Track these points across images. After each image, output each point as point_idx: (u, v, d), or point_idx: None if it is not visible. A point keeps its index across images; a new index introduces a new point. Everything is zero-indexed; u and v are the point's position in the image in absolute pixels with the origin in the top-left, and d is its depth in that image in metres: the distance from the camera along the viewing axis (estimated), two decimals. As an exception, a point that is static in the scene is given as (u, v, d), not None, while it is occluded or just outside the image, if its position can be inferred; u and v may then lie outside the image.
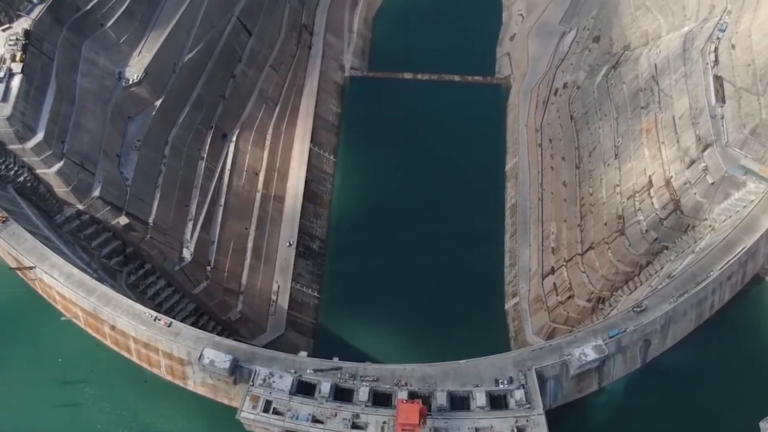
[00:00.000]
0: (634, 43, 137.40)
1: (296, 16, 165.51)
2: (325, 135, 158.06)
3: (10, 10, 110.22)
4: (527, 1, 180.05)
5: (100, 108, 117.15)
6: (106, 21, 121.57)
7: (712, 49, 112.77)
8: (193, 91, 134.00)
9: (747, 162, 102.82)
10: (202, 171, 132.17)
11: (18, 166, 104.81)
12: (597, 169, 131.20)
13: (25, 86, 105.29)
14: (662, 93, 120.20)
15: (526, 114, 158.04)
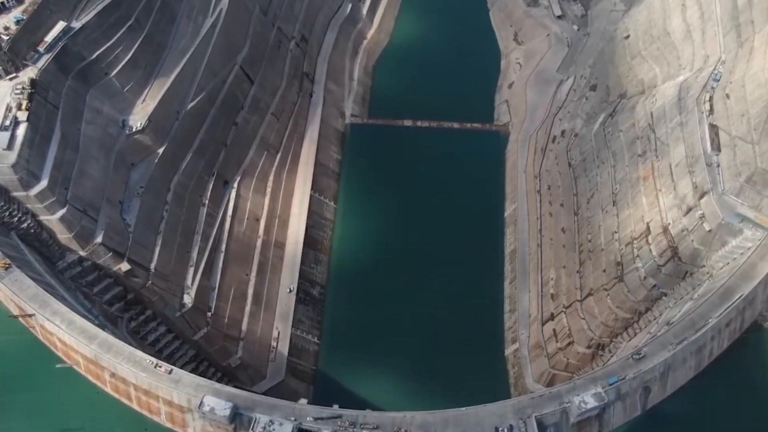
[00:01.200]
0: (630, 91, 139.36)
1: (298, 64, 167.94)
2: (325, 181, 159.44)
3: (17, 59, 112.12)
4: (525, 49, 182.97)
5: (104, 155, 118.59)
6: (110, 70, 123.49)
7: (706, 99, 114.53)
8: (195, 139, 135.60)
9: (743, 210, 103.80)
10: (203, 217, 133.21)
11: (22, 212, 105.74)
12: (595, 215, 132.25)
13: (30, 134, 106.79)
14: (659, 141, 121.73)
15: (525, 161, 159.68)
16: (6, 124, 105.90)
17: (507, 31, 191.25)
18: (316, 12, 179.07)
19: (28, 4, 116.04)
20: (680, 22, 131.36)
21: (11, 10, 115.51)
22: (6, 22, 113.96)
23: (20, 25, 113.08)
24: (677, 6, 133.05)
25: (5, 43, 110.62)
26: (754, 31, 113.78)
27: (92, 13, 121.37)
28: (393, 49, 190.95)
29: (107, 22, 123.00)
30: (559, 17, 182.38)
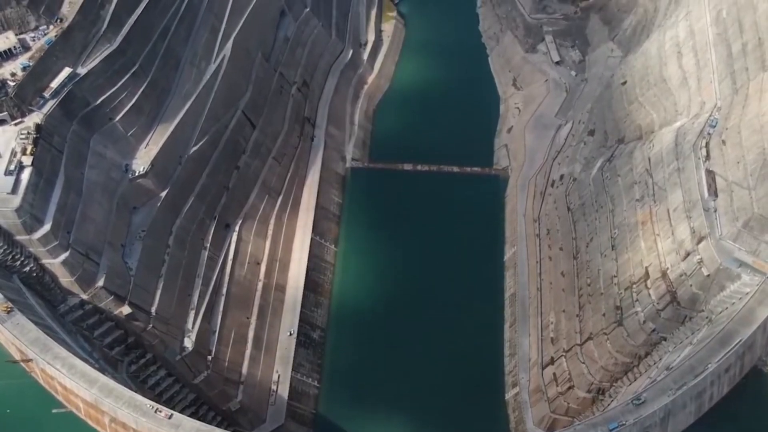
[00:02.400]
0: (628, 136, 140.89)
1: (299, 108, 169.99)
2: (326, 225, 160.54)
3: (23, 105, 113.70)
4: (524, 94, 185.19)
5: (107, 199, 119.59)
6: (114, 115, 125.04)
7: (703, 144, 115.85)
8: (197, 183, 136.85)
9: (741, 255, 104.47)
10: (204, 261, 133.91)
11: (24, 256, 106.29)
12: (594, 259, 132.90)
13: (35, 179, 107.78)
14: (656, 186, 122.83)
15: (524, 205, 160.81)
16: (11, 169, 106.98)
17: (506, 77, 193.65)
18: (317, 58, 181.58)
19: (35, 51, 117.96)
20: (676, 69, 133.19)
21: (18, 56, 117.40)
22: (13, 68, 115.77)
23: (27, 71, 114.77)
24: (673, 53, 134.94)
25: (12, 89, 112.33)
26: (749, 79, 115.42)
27: (98, 60, 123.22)
28: (393, 93, 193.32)
29: (112, 69, 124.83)
30: (557, 63, 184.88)
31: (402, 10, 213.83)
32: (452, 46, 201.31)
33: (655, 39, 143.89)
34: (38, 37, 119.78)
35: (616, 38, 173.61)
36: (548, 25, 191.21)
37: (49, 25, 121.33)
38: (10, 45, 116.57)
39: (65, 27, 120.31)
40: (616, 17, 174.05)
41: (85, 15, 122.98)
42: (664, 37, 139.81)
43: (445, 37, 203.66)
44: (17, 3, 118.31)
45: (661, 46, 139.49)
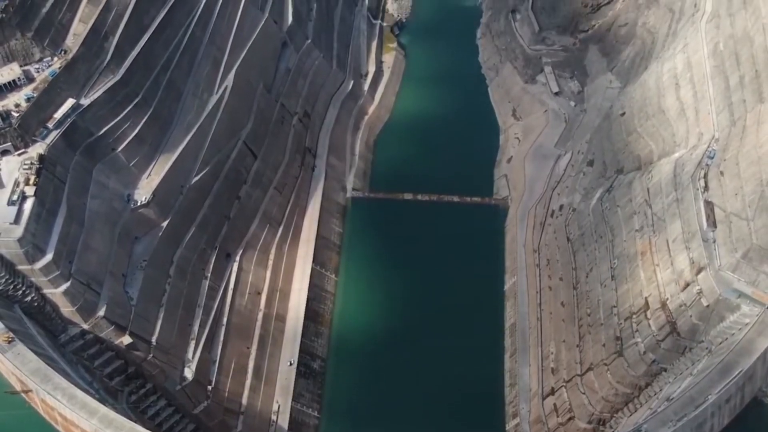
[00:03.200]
0: (627, 167, 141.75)
1: (300, 139, 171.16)
2: (327, 254, 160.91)
3: (26, 135, 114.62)
4: (523, 125, 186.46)
5: (108, 229, 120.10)
6: (117, 145, 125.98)
7: (701, 175, 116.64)
8: (198, 213, 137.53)
9: (740, 285, 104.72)
10: (205, 290, 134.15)
11: (26, 286, 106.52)
12: (594, 290, 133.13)
13: (37, 209, 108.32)
14: (656, 217, 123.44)
15: (524, 235, 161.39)
16: (14, 199, 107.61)
17: (506, 107, 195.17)
18: (318, 88, 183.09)
19: (39, 82, 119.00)
20: (674, 101, 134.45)
21: (22, 87, 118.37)
22: (17, 99, 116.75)
23: (31, 102, 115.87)
24: (671, 85, 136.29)
25: (15, 120, 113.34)
26: (746, 110, 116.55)
27: (101, 91, 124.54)
28: (394, 124, 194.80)
29: (115, 100, 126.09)
30: (556, 94, 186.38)
31: (402, 41, 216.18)
32: (452, 76, 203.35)
33: (653, 70, 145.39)
34: (42, 69, 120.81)
35: (614, 69, 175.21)
36: (547, 57, 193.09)
37: (53, 57, 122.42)
38: (14, 76, 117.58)
39: (69, 59, 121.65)
40: (615, 49, 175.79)
41: (89, 47, 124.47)
42: (662, 68, 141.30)
43: (445, 67, 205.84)
44: (22, 35, 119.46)
45: (659, 78, 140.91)
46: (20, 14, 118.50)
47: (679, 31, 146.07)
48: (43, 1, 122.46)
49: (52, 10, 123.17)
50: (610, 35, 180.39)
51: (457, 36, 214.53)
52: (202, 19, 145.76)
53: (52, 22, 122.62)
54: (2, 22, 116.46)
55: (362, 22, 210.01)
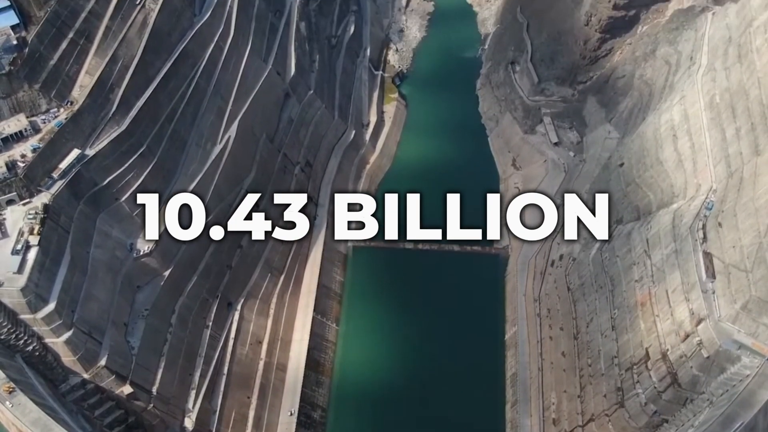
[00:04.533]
0: (626, 217, 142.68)
1: (302, 188, 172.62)
2: (328, 303, 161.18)
3: (32, 185, 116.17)
4: (523, 174, 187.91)
5: (111, 278, 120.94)
6: (121, 195, 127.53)
7: (700, 227, 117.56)
8: (201, 262, 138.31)
9: (740, 337, 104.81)
10: (206, 340, 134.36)
11: (28, 335, 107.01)
12: (595, 340, 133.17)
13: (41, 258, 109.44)
14: (655, 267, 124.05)
15: (525, 284, 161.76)
16: (17, 249, 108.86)
17: (506, 157, 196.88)
18: (320, 138, 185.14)
19: (45, 133, 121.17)
20: (672, 152, 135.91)
21: (28, 138, 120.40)
22: (23, 149, 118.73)
23: (36, 152, 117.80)
24: (668, 136, 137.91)
25: (21, 170, 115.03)
26: (743, 162, 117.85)
27: (106, 141, 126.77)
28: (395, 173, 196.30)
29: (120, 150, 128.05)
30: (555, 144, 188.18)
31: (403, 91, 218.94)
32: (453, 126, 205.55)
33: (651, 122, 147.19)
34: (49, 120, 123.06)
35: (612, 120, 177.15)
36: (546, 107, 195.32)
37: (59, 108, 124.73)
38: (21, 127, 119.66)
39: (75, 110, 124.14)
40: (613, 100, 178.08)
41: (95, 98, 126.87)
42: (660, 120, 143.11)
43: (445, 117, 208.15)
44: (30, 87, 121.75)
45: (656, 129, 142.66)
46: (28, 66, 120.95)
47: (675, 83, 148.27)
48: (51, 53, 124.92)
49: (60, 63, 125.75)
50: (608, 87, 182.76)
51: (458, 87, 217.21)
52: (206, 70, 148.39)
53: (59, 74, 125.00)
54: (10, 75, 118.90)
55: (364, 73, 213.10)
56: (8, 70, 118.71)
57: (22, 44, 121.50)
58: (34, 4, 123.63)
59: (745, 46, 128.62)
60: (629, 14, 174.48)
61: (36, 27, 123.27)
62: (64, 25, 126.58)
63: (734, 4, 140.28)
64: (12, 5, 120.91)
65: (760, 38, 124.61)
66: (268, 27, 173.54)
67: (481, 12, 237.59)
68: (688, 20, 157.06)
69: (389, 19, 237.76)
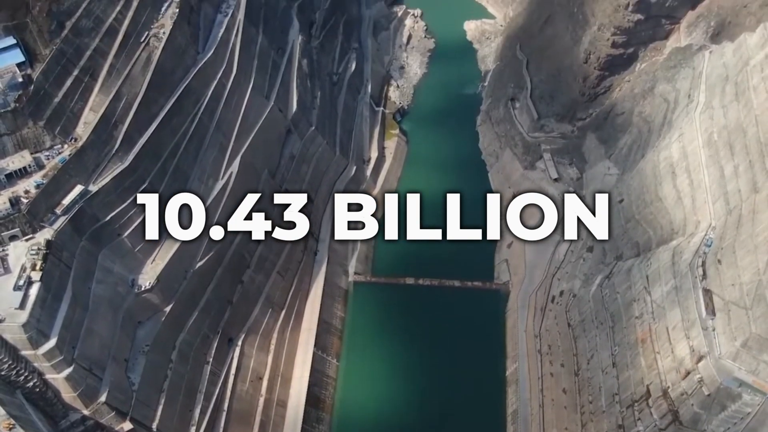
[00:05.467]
0: (626, 254, 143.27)
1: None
2: (328, 339, 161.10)
3: (34, 221, 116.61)
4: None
5: (112, 314, 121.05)
6: (123, 231, 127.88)
7: (699, 264, 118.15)
8: (202, 297, 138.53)
9: (741, 374, 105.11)
10: (207, 376, 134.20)
11: (28, 371, 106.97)
12: (595, 377, 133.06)
13: (43, 294, 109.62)
14: (655, 304, 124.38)
15: (525, 320, 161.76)
16: (20, 284, 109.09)
17: (506, 192, 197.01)
18: (321, 174, 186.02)
19: (49, 169, 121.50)
20: (671, 189, 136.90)
21: (32, 174, 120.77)
22: (27, 185, 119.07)
23: (40, 188, 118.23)
24: (667, 173, 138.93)
25: (24, 206, 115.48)
26: (742, 200, 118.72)
27: (109, 177, 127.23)
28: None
29: (122, 186, 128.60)
30: (555, 180, 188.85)
31: (404, 127, 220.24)
32: (453, 162, 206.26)
33: (650, 159, 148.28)
34: (53, 156, 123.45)
35: (612, 157, 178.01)
36: (546, 144, 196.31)
37: (63, 144, 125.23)
38: (25, 164, 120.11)
39: (79, 146, 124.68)
40: (612, 137, 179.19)
41: (98, 135, 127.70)
42: (659, 157, 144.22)
43: (446, 153, 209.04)
44: (34, 123, 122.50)
45: (655, 166, 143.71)
46: (33, 104, 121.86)
47: (674, 120, 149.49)
48: (56, 90, 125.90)
49: (64, 100, 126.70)
50: (607, 123, 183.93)
51: (458, 123, 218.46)
52: (209, 107, 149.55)
53: (63, 111, 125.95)
54: (15, 112, 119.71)
55: (365, 109, 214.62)
56: (13, 107, 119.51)
57: (27, 82, 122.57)
58: (40, 42, 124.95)
59: (742, 84, 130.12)
60: (628, 52, 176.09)
61: (41, 65, 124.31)
62: (69, 62, 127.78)
63: (731, 43, 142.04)
64: (18, 44, 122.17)
65: (756, 77, 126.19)
66: (271, 64, 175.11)
67: (481, 49, 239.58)
68: (686, 58, 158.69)
69: (390, 56, 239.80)
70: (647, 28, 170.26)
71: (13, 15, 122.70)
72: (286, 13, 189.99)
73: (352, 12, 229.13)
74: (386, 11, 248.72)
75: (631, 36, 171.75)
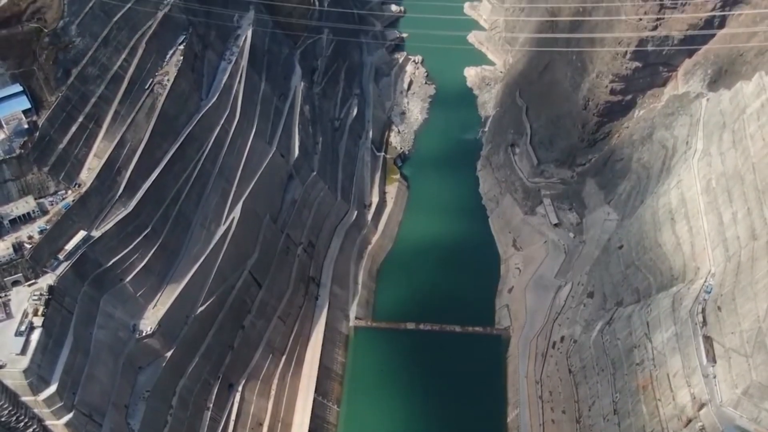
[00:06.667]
0: (626, 300, 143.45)
1: (304, 268, 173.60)
2: (329, 384, 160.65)
3: (37, 266, 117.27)
4: (524, 255, 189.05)
5: (113, 359, 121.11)
6: (125, 276, 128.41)
7: (699, 310, 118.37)
8: (203, 342, 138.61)
9: (742, 422, 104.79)
10: (207, 422, 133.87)
11: (28, 417, 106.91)
12: (597, 424, 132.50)
13: (44, 339, 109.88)
14: (656, 351, 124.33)
15: (526, 366, 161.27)
16: (21, 330, 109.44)
17: (506, 237, 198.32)
18: (323, 219, 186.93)
19: (52, 215, 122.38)
20: (670, 235, 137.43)
21: (36, 219, 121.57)
22: (30, 231, 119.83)
23: (43, 234, 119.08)
24: (666, 220, 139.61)
25: (28, 252, 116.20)
26: (741, 247, 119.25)
27: (112, 223, 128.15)
28: (397, 253, 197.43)
29: (125, 231, 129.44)
30: (555, 225, 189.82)
31: (405, 172, 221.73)
32: (454, 207, 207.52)
33: (649, 205, 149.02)
34: (56, 201, 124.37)
35: (611, 202, 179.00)
36: (546, 189, 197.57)
37: (67, 190, 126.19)
38: (29, 209, 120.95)
39: (83, 192, 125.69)
40: (611, 182, 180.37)
41: (102, 180, 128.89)
42: (658, 203, 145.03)
43: (446, 198, 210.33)
44: (39, 169, 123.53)
45: (654, 213, 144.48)
46: (38, 150, 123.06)
47: (672, 167, 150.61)
48: (61, 137, 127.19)
49: (69, 146, 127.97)
50: (606, 169, 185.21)
51: (458, 168, 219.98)
52: (212, 152, 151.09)
53: (68, 157, 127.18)
54: (21, 158, 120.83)
55: (366, 154, 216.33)
56: (19, 153, 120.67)
57: (33, 128, 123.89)
58: (46, 89, 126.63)
59: (739, 132, 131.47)
60: (626, 99, 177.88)
61: (47, 111, 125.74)
62: (74, 109, 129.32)
63: (727, 91, 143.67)
64: (25, 91, 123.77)
65: (753, 125, 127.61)
66: (273, 110, 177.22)
67: (481, 95, 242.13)
68: (683, 105, 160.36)
69: (391, 102, 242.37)
70: (645, 75, 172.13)
71: (21, 62, 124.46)
72: (288, 59, 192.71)
73: (353, 58, 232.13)
74: (387, 58, 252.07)
75: (629, 83, 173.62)
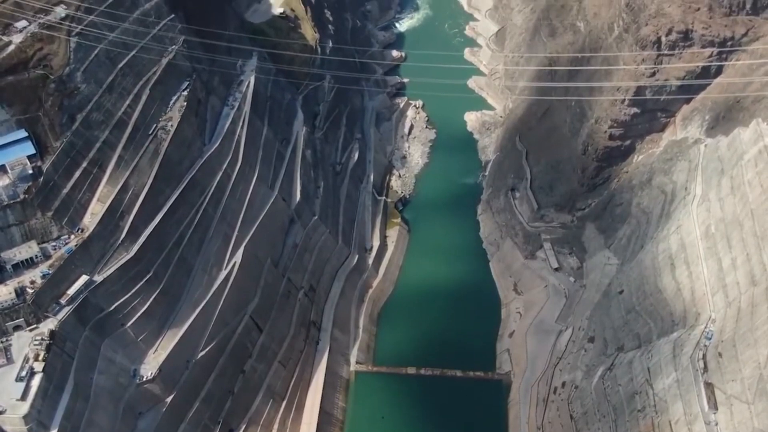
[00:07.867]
0: (627, 345, 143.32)
1: (305, 312, 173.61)
2: (329, 430, 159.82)
3: (39, 311, 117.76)
4: (525, 299, 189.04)
5: (113, 404, 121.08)
6: (126, 320, 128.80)
7: (700, 356, 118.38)
8: (203, 388, 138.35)
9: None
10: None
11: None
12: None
13: (45, 384, 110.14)
14: (657, 397, 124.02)
15: (527, 412, 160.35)
16: (22, 375, 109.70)
17: (507, 281, 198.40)
18: (324, 263, 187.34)
19: (55, 259, 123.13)
20: (670, 280, 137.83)
21: (38, 264, 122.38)
22: (32, 276, 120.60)
23: (45, 279, 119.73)
24: (666, 265, 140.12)
25: (30, 297, 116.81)
26: (741, 292, 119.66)
27: (114, 268, 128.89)
28: (398, 297, 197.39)
29: (127, 276, 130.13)
30: (556, 269, 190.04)
31: (406, 216, 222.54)
32: (454, 251, 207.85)
33: (649, 250, 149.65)
34: (59, 246, 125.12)
35: (611, 246, 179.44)
36: (546, 233, 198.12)
37: (70, 235, 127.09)
38: (32, 254, 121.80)
39: (86, 237, 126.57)
40: (611, 227, 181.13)
41: (105, 225, 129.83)
42: (657, 248, 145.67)
43: (447, 242, 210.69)
44: (42, 214, 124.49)
45: (654, 258, 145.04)
46: (42, 195, 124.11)
47: (672, 212, 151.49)
48: (65, 182, 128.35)
49: (73, 191, 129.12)
50: (606, 213, 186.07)
51: (459, 212, 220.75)
52: (214, 197, 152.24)
53: (71, 202, 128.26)
54: (24, 203, 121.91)
55: (367, 198, 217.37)
56: (23, 198, 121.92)
57: (37, 173, 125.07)
58: (50, 135, 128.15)
59: (737, 178, 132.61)
60: (625, 144, 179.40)
61: (51, 156, 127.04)
62: (78, 154, 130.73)
63: (725, 137, 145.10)
64: (30, 136, 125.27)
65: (751, 172, 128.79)
66: (275, 155, 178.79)
67: (482, 140, 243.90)
68: (682, 151, 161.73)
69: (392, 146, 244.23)
70: (643, 121, 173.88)
71: (26, 108, 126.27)
72: (290, 105, 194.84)
73: (355, 104, 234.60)
74: (388, 102, 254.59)
75: (628, 129, 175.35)
